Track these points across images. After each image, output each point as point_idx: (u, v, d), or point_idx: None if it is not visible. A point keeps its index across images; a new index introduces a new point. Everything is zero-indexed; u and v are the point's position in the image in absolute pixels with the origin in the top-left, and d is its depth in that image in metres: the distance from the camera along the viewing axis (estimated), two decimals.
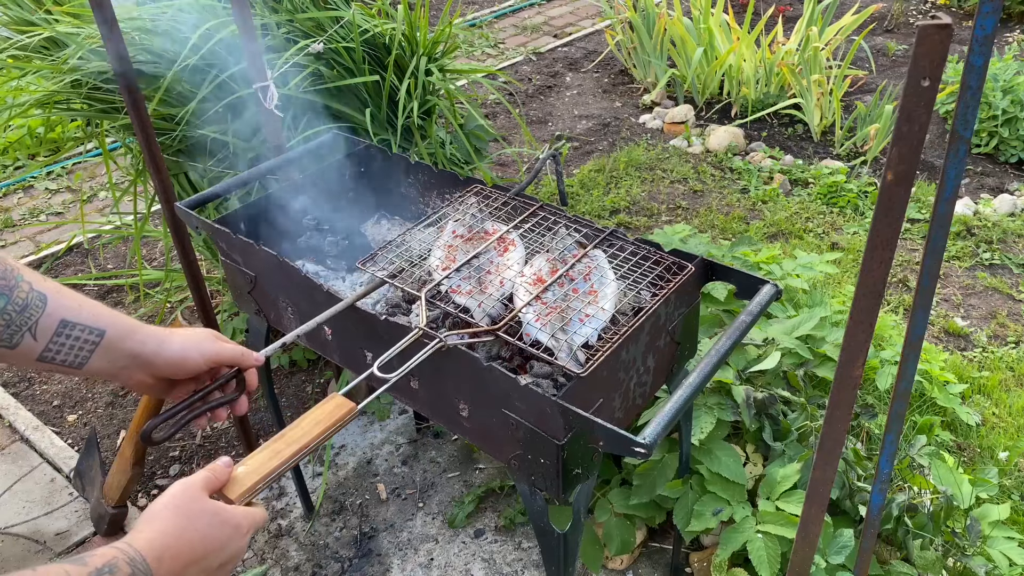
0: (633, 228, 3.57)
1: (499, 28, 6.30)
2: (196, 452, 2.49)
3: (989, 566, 1.74)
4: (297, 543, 2.18)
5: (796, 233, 3.50)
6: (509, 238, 1.51)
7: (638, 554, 2.07)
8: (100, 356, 0.94)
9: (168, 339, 1.01)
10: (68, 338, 0.91)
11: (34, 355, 0.88)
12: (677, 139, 4.39)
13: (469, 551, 2.12)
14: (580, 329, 1.28)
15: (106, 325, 0.94)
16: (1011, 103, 3.94)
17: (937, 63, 0.81)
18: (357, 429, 2.53)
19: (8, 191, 4.06)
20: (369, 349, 1.47)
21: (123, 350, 0.96)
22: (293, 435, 1.04)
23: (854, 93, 4.71)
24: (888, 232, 0.93)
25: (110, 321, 0.94)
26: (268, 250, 1.54)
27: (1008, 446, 2.33)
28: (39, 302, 0.88)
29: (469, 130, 2.67)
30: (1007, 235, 3.43)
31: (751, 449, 2.00)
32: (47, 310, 0.89)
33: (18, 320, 0.86)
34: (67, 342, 0.91)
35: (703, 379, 1.18)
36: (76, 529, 2.23)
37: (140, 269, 2.85)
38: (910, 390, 1.16)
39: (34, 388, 2.79)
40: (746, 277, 1.43)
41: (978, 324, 2.95)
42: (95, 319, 0.93)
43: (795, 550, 1.32)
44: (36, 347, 0.88)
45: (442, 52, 2.63)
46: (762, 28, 4.54)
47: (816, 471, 1.19)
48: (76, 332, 0.91)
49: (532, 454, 1.25)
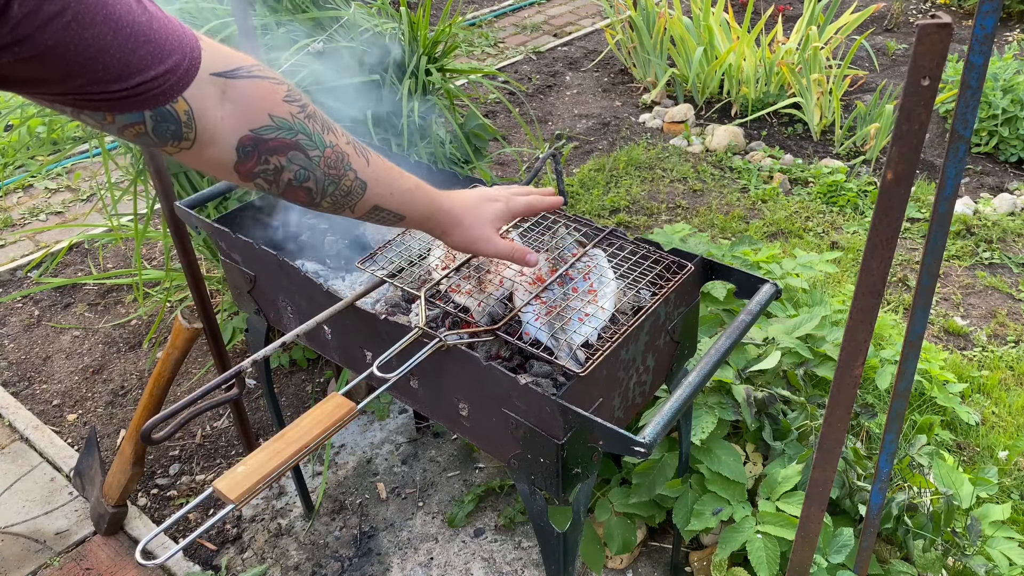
0: (633, 227, 3.57)
1: (499, 27, 6.30)
2: (196, 452, 2.49)
3: (989, 566, 1.74)
4: (297, 542, 2.18)
5: (796, 232, 3.50)
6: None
7: (638, 553, 2.08)
8: (401, 226, 1.16)
9: (448, 235, 1.21)
10: (376, 215, 1.09)
11: (350, 217, 1.08)
12: (677, 138, 4.39)
13: (469, 550, 2.12)
14: (580, 328, 1.28)
15: (407, 212, 1.11)
16: (1011, 102, 3.94)
17: (937, 62, 0.81)
18: (357, 428, 2.53)
19: (8, 190, 4.06)
20: (369, 348, 1.47)
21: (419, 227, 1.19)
22: (293, 435, 1.04)
23: (854, 92, 4.71)
24: (888, 231, 0.93)
25: (410, 209, 1.12)
26: (267, 249, 1.54)
27: (1008, 445, 2.33)
28: (360, 189, 1.03)
29: (469, 129, 2.67)
30: (1007, 234, 3.43)
31: (751, 448, 2.00)
32: (365, 196, 1.04)
33: (342, 202, 1.02)
34: (375, 217, 1.09)
35: (703, 378, 1.18)
36: (76, 528, 2.23)
37: (140, 269, 2.85)
38: (910, 389, 1.16)
39: (34, 387, 2.79)
40: (746, 276, 1.42)
41: (978, 323, 2.95)
42: (400, 206, 1.10)
43: (795, 549, 1.32)
44: (352, 215, 1.06)
45: (442, 52, 2.63)
46: (762, 27, 4.54)
47: (816, 470, 1.19)
48: (383, 214, 1.09)
49: (532, 453, 1.25)
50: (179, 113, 0.81)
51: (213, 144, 0.87)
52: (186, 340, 1.96)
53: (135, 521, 2.24)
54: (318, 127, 0.95)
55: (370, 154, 1.04)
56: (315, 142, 0.94)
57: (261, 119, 0.89)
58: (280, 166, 0.93)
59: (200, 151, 0.87)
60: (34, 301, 3.24)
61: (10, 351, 2.97)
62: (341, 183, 1.00)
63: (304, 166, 0.94)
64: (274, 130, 0.90)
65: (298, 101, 0.93)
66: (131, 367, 2.86)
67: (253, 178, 0.93)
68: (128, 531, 2.21)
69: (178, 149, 0.85)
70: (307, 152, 0.94)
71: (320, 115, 0.96)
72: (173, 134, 0.82)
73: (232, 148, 0.88)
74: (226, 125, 0.86)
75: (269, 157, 0.91)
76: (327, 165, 0.97)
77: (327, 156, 0.96)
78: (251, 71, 0.88)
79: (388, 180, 1.07)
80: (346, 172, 1.00)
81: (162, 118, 0.80)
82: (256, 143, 0.89)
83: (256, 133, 0.89)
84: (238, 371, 1.13)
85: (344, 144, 0.99)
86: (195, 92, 0.81)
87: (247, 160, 0.90)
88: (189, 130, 0.83)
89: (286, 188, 0.95)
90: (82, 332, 3.05)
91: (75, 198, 4.02)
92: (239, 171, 0.91)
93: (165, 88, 0.78)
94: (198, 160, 0.89)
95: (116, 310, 3.16)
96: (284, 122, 0.91)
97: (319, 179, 0.97)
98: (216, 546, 2.18)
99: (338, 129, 0.99)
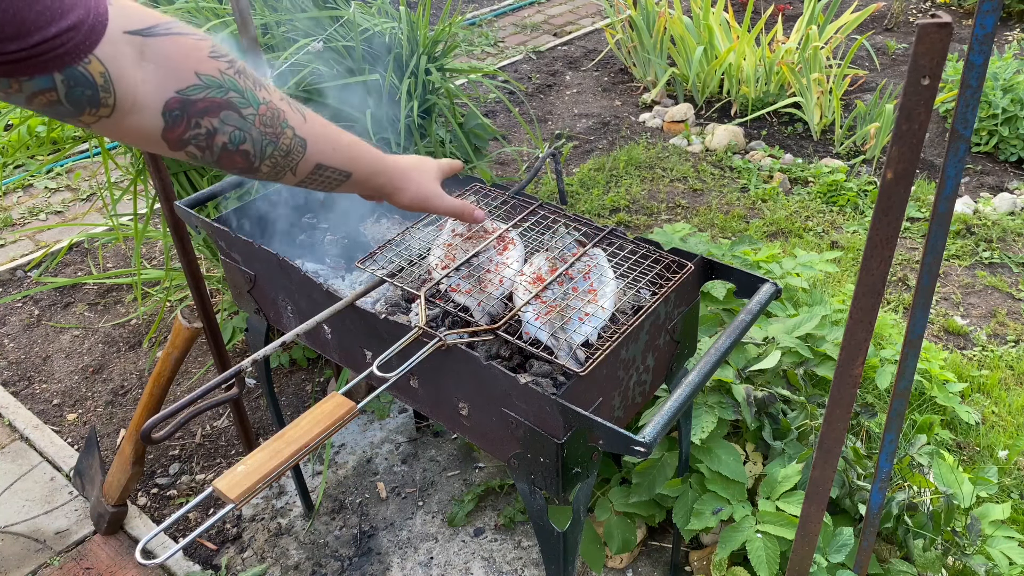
0: (633, 227, 3.57)
1: (499, 26, 6.30)
2: (196, 451, 2.49)
3: (989, 565, 1.75)
4: (297, 542, 2.18)
5: (796, 232, 3.50)
6: (508, 237, 1.51)
7: (637, 552, 2.08)
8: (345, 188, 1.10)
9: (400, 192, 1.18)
10: (320, 176, 1.03)
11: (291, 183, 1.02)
12: (677, 138, 4.39)
13: (469, 550, 2.12)
14: (580, 328, 1.28)
15: (352, 168, 1.07)
16: (1011, 102, 3.94)
17: (937, 62, 0.81)
18: (357, 428, 2.53)
19: (8, 190, 4.06)
20: (369, 348, 1.47)
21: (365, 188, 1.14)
22: (293, 434, 1.04)
23: (854, 92, 4.71)
24: (888, 231, 0.93)
25: (356, 165, 1.07)
26: (267, 249, 1.54)
27: (1008, 444, 2.33)
28: (300, 148, 0.97)
29: (469, 129, 2.67)
30: (1007, 234, 3.43)
31: (751, 448, 2.00)
32: (307, 154, 0.99)
33: (282, 163, 0.96)
34: (318, 178, 1.04)
35: (703, 378, 1.18)
36: (76, 528, 2.23)
37: (139, 268, 2.85)
38: (910, 389, 1.16)
39: (34, 387, 2.79)
40: (746, 276, 1.42)
41: (978, 323, 2.95)
42: (345, 163, 1.05)
43: (795, 548, 1.32)
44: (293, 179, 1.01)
45: (442, 51, 2.63)
46: (762, 27, 4.54)
47: (816, 470, 1.19)
48: (327, 173, 1.04)
49: (532, 453, 1.25)
50: (94, 75, 0.74)
51: (136, 111, 0.80)
52: (186, 340, 1.96)
53: (135, 520, 2.24)
54: (249, 83, 0.88)
55: (306, 111, 0.99)
56: (248, 99, 0.88)
57: (187, 78, 0.81)
58: (212, 128, 0.86)
59: (121, 119, 0.80)
60: (34, 301, 3.24)
61: (10, 351, 2.97)
62: (280, 142, 0.93)
63: (239, 126, 0.88)
64: (202, 89, 0.83)
65: (225, 57, 0.86)
66: (131, 367, 2.86)
67: (184, 146, 0.86)
68: (128, 531, 2.21)
69: (96, 118, 0.78)
70: (240, 111, 0.87)
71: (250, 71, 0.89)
72: (90, 100, 0.75)
73: (158, 113, 0.81)
74: (148, 88, 0.79)
75: (200, 120, 0.84)
76: (263, 124, 0.90)
77: (262, 113, 0.90)
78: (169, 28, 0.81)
79: (328, 136, 1.02)
80: (283, 130, 0.93)
81: (75, 82, 0.73)
82: (184, 105, 0.82)
83: (183, 94, 0.81)
84: (238, 371, 1.13)
85: (278, 100, 0.93)
86: (108, 51, 0.73)
87: (176, 126, 0.83)
88: (107, 94, 0.76)
89: (221, 153, 0.89)
90: (82, 332, 3.05)
91: (75, 197, 4.02)
92: (168, 139, 0.84)
93: (70, 47, 0.70)
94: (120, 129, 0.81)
95: (116, 310, 3.16)
96: (212, 80, 0.84)
97: (256, 139, 0.90)
98: (216, 545, 2.18)
99: (270, 85, 0.93)
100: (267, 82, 0.93)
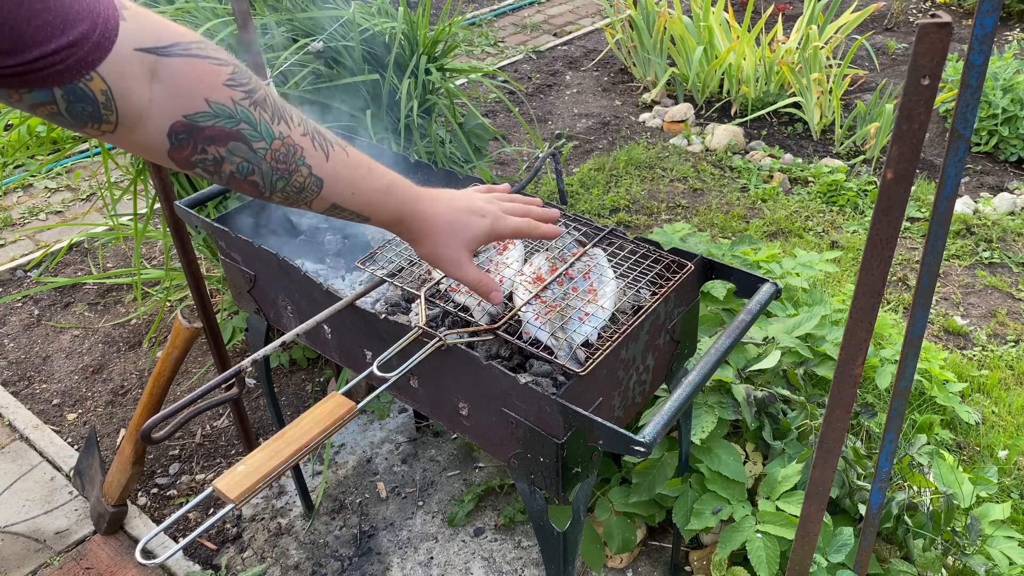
0: (633, 226, 3.57)
1: (499, 26, 6.30)
2: (196, 451, 2.49)
3: (989, 565, 1.75)
4: (297, 542, 2.18)
5: (796, 232, 3.50)
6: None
7: (637, 552, 2.08)
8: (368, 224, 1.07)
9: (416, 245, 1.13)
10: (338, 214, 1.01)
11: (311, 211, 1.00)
12: (677, 138, 4.39)
13: (469, 550, 2.12)
14: (580, 328, 1.28)
15: (371, 214, 1.03)
16: (1011, 102, 3.93)
17: (937, 61, 0.81)
18: (357, 428, 2.53)
19: (8, 189, 4.06)
20: (369, 348, 1.47)
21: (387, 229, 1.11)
22: (293, 434, 1.04)
23: (854, 92, 4.71)
24: (888, 231, 0.93)
25: (374, 211, 1.03)
26: (267, 249, 1.54)
27: (1008, 444, 2.33)
28: (315, 187, 0.94)
29: (469, 129, 2.67)
30: (1007, 234, 3.43)
31: (751, 448, 2.00)
32: (322, 194, 0.96)
33: (295, 197, 0.94)
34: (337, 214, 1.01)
35: (703, 378, 1.18)
36: (76, 528, 2.23)
37: (139, 268, 2.85)
38: (910, 389, 1.16)
39: (34, 387, 2.79)
40: (746, 276, 1.42)
41: (978, 323, 2.95)
42: (362, 207, 1.01)
43: (795, 548, 1.32)
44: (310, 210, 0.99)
45: (442, 51, 2.63)
46: (762, 27, 4.54)
47: (815, 470, 1.19)
48: (345, 213, 1.01)
49: (532, 453, 1.25)
50: (95, 93, 0.72)
51: (141, 128, 0.78)
52: (186, 340, 1.96)
53: (135, 520, 2.24)
54: (266, 115, 0.85)
55: (332, 148, 0.95)
56: (260, 133, 0.85)
57: (196, 104, 0.79)
58: (219, 157, 0.84)
59: (127, 134, 0.78)
60: (34, 301, 3.24)
61: (10, 351, 2.97)
62: (292, 179, 0.91)
63: (247, 159, 0.86)
64: (211, 117, 0.81)
65: (244, 86, 0.83)
66: (131, 367, 2.86)
67: (191, 167, 0.84)
68: (128, 530, 2.21)
69: (100, 132, 0.76)
70: (250, 144, 0.85)
71: (272, 102, 0.87)
72: (91, 116, 0.74)
73: (163, 134, 0.80)
74: (156, 109, 0.78)
75: (206, 147, 0.83)
76: (275, 159, 0.88)
77: (275, 149, 0.88)
78: (188, 48, 0.78)
79: (351, 178, 0.98)
80: (298, 167, 0.91)
81: (75, 98, 0.71)
82: (190, 130, 0.80)
83: (190, 119, 0.80)
84: (238, 370, 1.13)
85: (299, 136, 0.90)
86: (112, 69, 0.72)
87: (182, 148, 0.81)
88: (109, 112, 0.74)
89: (229, 179, 0.87)
90: (82, 331, 3.05)
91: (75, 197, 4.02)
92: (174, 158, 0.83)
93: (71, 63, 0.68)
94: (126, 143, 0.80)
95: (116, 309, 3.16)
96: (223, 109, 0.81)
97: (265, 173, 0.88)
98: (216, 545, 2.18)
99: (294, 118, 0.90)
100: (292, 114, 0.90)
